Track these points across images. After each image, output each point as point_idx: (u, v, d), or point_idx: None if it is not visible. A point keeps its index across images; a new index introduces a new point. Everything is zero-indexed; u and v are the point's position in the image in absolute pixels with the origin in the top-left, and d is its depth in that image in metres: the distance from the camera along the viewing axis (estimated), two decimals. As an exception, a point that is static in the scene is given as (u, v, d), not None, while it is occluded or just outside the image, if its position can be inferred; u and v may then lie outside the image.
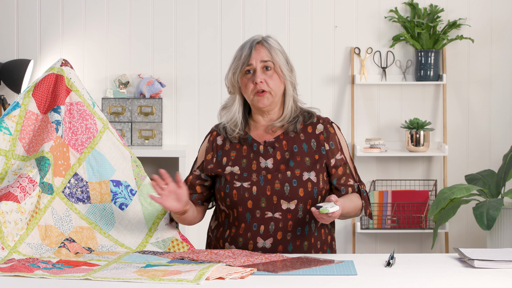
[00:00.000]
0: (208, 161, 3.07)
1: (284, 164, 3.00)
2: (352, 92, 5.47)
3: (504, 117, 5.52)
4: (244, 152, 3.04)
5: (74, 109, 3.10)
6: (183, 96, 5.48)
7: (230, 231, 3.03)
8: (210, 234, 3.15)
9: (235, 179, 2.99)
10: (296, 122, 3.04)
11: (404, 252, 5.40)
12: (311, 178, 2.98)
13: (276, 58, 2.99)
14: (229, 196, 2.99)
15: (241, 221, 3.00)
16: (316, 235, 3.04)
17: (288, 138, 3.04)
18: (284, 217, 2.97)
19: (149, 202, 3.11)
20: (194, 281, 2.49)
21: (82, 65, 5.45)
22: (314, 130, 3.05)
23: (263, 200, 2.97)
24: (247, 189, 2.98)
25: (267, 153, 3.02)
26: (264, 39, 3.02)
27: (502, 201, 4.92)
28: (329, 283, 2.51)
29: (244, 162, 3.02)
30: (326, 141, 3.03)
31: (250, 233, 2.98)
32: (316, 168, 3.00)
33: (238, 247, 3.00)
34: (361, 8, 5.47)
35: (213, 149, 3.07)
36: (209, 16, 5.45)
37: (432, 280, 2.54)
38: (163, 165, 5.45)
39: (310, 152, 3.02)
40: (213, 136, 3.10)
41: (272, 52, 2.99)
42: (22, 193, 2.85)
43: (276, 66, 2.99)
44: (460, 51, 5.49)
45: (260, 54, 2.98)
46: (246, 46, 3.01)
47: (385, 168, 5.52)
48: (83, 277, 2.54)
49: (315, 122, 3.06)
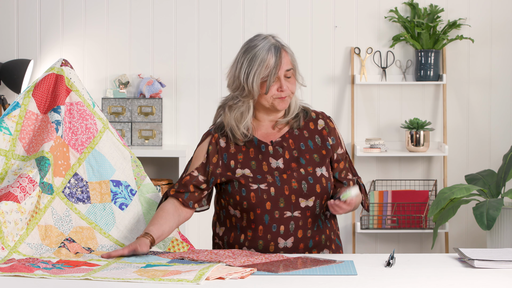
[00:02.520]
0: (214, 165, 3.03)
1: (294, 162, 3.01)
2: (352, 92, 5.47)
3: (504, 117, 5.52)
4: (252, 154, 3.02)
5: (74, 109, 3.10)
6: (183, 96, 5.48)
7: (246, 234, 3.00)
8: (219, 241, 3.09)
9: (250, 181, 2.98)
10: (298, 118, 3.07)
11: (404, 252, 5.40)
12: (324, 173, 3.01)
13: (295, 63, 3.03)
14: (247, 199, 2.97)
15: (259, 223, 2.97)
16: (330, 226, 3.08)
17: (294, 136, 3.05)
18: (304, 215, 2.98)
19: (149, 202, 3.11)
20: (194, 281, 2.49)
21: (82, 65, 5.44)
22: (316, 126, 3.08)
23: (282, 200, 2.97)
24: (265, 190, 2.97)
25: (277, 153, 3.02)
26: (282, 45, 3.01)
27: (502, 201, 4.92)
28: (329, 283, 2.51)
29: (253, 164, 3.01)
30: (328, 136, 3.07)
31: (270, 235, 2.97)
32: (326, 163, 3.04)
33: (259, 250, 2.98)
34: (361, 8, 5.47)
35: (218, 152, 3.03)
36: (209, 16, 5.45)
37: (432, 280, 2.54)
38: (163, 165, 5.46)
39: (316, 148, 3.04)
40: (215, 138, 3.05)
41: (292, 58, 3.02)
42: (22, 193, 2.85)
43: (296, 71, 3.02)
44: (460, 51, 5.49)
45: (286, 63, 2.99)
46: (270, 54, 2.96)
47: (385, 168, 5.52)
48: (83, 277, 2.54)
49: (314, 118, 3.09)
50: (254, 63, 2.96)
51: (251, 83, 2.96)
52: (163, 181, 5.25)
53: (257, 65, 2.95)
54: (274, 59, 2.95)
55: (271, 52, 2.96)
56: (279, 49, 2.98)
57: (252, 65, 2.96)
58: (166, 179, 5.32)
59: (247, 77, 2.96)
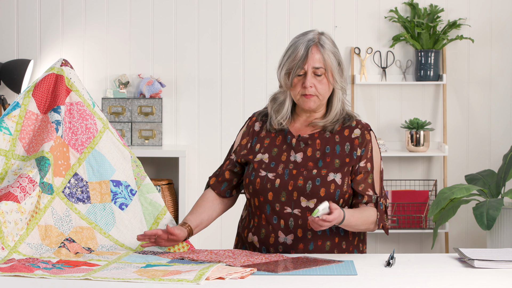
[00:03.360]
0: (242, 146, 3.08)
1: (312, 162, 2.98)
2: (352, 92, 5.47)
3: (504, 117, 5.52)
4: (278, 142, 3.03)
5: (74, 109, 3.10)
6: (183, 96, 5.48)
7: (253, 221, 3.03)
8: (240, 224, 3.14)
9: (262, 167, 2.99)
10: (337, 123, 3.01)
11: (404, 252, 5.40)
12: (336, 180, 2.95)
13: (328, 63, 2.94)
14: (253, 183, 2.99)
15: (262, 211, 2.99)
16: (343, 235, 3.00)
17: (323, 138, 3.01)
18: (303, 215, 2.95)
19: (149, 202, 3.11)
20: (194, 281, 2.49)
21: (82, 65, 5.44)
22: (350, 134, 3.01)
23: (284, 194, 2.96)
24: (270, 180, 2.97)
25: (298, 147, 3.00)
26: (319, 41, 2.95)
27: (502, 201, 4.93)
28: (329, 283, 2.51)
29: (275, 151, 3.02)
30: (359, 147, 2.99)
31: (271, 226, 2.98)
32: (344, 170, 2.96)
33: (260, 238, 2.99)
34: (361, 8, 5.48)
35: (249, 134, 3.08)
36: (209, 16, 5.45)
37: (432, 280, 2.54)
38: (163, 165, 5.46)
39: (341, 154, 2.98)
40: (252, 121, 3.10)
41: (326, 56, 2.94)
42: (22, 193, 2.85)
43: (328, 71, 2.94)
44: (460, 51, 5.49)
45: (314, 59, 2.93)
46: (301, 47, 2.94)
47: (385, 168, 5.52)
48: (83, 277, 2.54)
49: (353, 126, 3.02)
50: (285, 55, 2.98)
51: (279, 74, 2.99)
52: (163, 181, 5.25)
53: (287, 57, 2.96)
54: (302, 52, 2.93)
55: (303, 46, 2.94)
56: (312, 44, 2.94)
57: (285, 56, 2.98)
58: (166, 179, 5.32)
59: (278, 67, 3.00)
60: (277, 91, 3.06)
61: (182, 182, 5.17)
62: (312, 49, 2.93)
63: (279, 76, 2.99)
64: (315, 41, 2.95)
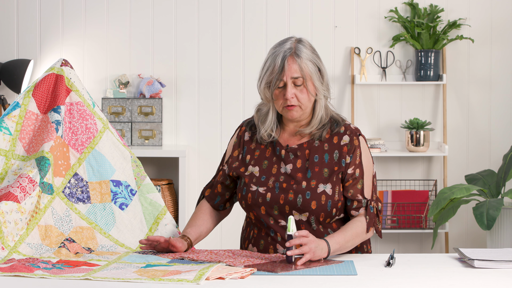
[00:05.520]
0: (234, 158, 3.07)
1: (301, 173, 2.95)
2: (352, 92, 5.47)
3: (504, 117, 5.52)
4: (268, 154, 3.02)
5: (74, 109, 3.10)
6: (183, 96, 5.48)
7: (253, 232, 3.03)
8: (241, 235, 3.14)
9: (253, 182, 2.98)
10: (324, 129, 2.98)
11: (404, 252, 5.40)
12: (326, 190, 2.92)
13: (306, 72, 2.91)
14: (245, 199, 2.98)
15: (259, 223, 2.99)
16: None
17: (312, 147, 2.98)
18: (298, 228, 2.93)
19: (149, 202, 3.11)
20: (194, 281, 2.49)
21: (82, 65, 5.45)
22: (339, 141, 2.97)
23: (276, 208, 2.95)
24: (261, 194, 2.96)
25: (288, 159, 2.98)
26: (296, 51, 2.92)
27: (502, 201, 4.93)
28: (329, 283, 2.51)
29: (265, 163, 3.00)
30: (348, 154, 2.95)
31: (270, 238, 2.97)
32: (333, 180, 2.93)
33: (259, 249, 2.98)
34: (361, 8, 5.48)
35: (240, 145, 3.07)
36: (209, 16, 5.45)
37: (432, 280, 2.54)
38: (163, 165, 5.46)
39: (330, 163, 2.95)
40: (241, 131, 3.09)
41: (303, 65, 2.90)
42: (22, 193, 2.85)
43: (307, 79, 2.91)
44: (460, 51, 5.49)
45: (291, 70, 2.90)
46: (278, 59, 2.91)
47: (385, 168, 5.52)
48: (83, 277, 2.54)
49: (341, 133, 2.98)
50: (264, 67, 2.96)
51: (259, 87, 2.98)
52: (163, 181, 5.25)
53: (266, 69, 2.95)
54: (279, 64, 2.91)
55: (279, 57, 2.92)
56: (288, 55, 2.91)
57: (263, 69, 2.97)
58: (166, 179, 5.32)
59: (258, 80, 2.98)
60: (260, 103, 3.04)
61: (182, 182, 5.17)
62: (288, 60, 2.90)
63: (259, 89, 2.97)
64: (292, 50, 2.92)
